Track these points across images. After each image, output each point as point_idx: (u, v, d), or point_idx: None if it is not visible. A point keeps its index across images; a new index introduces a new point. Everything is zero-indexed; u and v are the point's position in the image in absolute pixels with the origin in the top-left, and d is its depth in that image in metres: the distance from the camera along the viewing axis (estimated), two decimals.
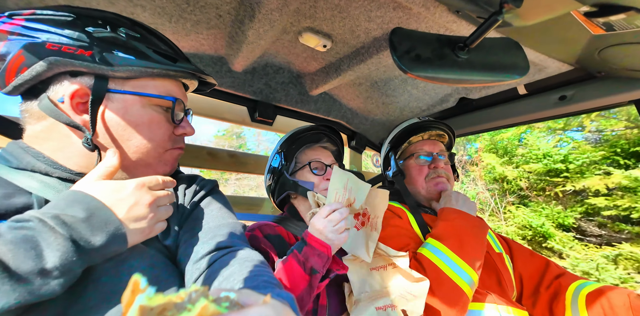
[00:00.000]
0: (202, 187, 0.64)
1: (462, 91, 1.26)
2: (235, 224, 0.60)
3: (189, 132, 0.60)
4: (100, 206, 0.41)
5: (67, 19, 0.47)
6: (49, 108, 0.47)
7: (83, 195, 0.41)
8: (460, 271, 0.78)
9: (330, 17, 0.84)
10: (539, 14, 0.57)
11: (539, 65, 0.93)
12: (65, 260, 0.36)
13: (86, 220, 0.39)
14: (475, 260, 0.82)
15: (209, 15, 0.86)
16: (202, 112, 1.36)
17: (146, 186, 0.46)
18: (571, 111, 1.05)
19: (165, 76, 0.55)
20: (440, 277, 0.77)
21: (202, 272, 0.49)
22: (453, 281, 0.76)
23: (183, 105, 0.59)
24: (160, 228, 0.48)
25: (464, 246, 0.83)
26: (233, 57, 1.05)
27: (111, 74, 0.49)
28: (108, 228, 0.40)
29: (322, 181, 0.90)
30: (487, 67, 0.57)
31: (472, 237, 0.86)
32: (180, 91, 0.59)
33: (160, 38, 0.56)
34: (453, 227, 0.88)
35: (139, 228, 0.43)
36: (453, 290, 0.75)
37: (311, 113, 1.45)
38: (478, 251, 0.84)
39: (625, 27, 0.62)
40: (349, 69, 1.05)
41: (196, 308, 0.21)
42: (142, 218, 0.44)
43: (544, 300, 0.90)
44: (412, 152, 1.11)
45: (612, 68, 0.86)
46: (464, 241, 0.84)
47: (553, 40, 0.77)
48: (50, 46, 0.45)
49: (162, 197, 0.47)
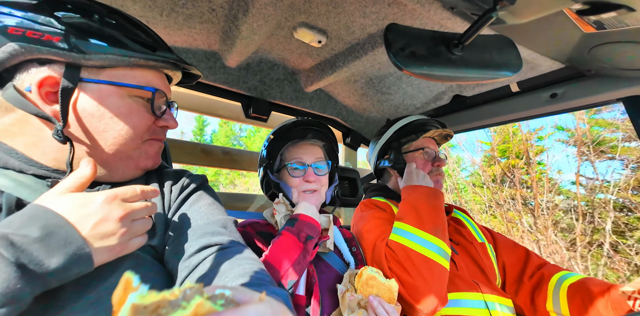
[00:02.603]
0: (190, 182, 0.61)
1: (456, 88, 1.27)
2: (226, 220, 0.58)
3: (171, 125, 0.57)
4: (61, 223, 0.36)
5: (32, 2, 0.43)
6: (14, 98, 0.44)
7: (43, 210, 0.37)
8: (426, 243, 0.82)
9: (325, 13, 0.84)
10: (533, 11, 0.58)
11: (531, 63, 0.94)
12: (7, 289, 0.31)
13: (41, 240, 0.34)
14: (437, 227, 0.85)
15: (202, 9, 0.84)
16: (196, 108, 1.35)
17: (119, 198, 0.41)
18: (562, 109, 1.07)
19: (145, 66, 0.52)
20: (409, 254, 0.80)
21: (191, 270, 0.48)
22: (423, 256, 0.79)
23: (166, 97, 0.56)
24: (137, 244, 0.43)
25: (422, 217, 0.87)
26: (227, 53, 1.03)
27: (84, 62, 0.46)
28: (68, 249, 0.35)
29: (302, 182, 0.86)
30: (481, 64, 0.58)
31: (427, 205, 0.90)
32: (162, 82, 0.56)
33: (138, 26, 0.53)
34: (409, 202, 0.93)
35: (106, 246, 0.39)
36: (426, 264, 0.78)
37: (306, 110, 1.44)
38: (436, 218, 0.88)
39: (615, 25, 0.64)
40: (344, 65, 1.05)
41: (191, 306, 0.20)
42: (110, 235, 0.39)
43: (527, 289, 0.93)
44: (420, 146, 1.11)
45: (601, 66, 0.88)
46: (420, 212, 0.88)
47: (545, 39, 0.78)
48: (13, 30, 0.41)
49: (137, 209, 0.43)
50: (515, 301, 0.94)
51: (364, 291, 0.72)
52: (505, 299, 0.88)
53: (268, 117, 1.35)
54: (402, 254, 0.80)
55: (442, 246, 0.82)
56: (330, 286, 0.76)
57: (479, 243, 1.01)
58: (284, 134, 0.93)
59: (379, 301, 0.69)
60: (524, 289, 0.94)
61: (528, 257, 0.99)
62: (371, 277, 0.72)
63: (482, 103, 1.28)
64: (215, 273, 0.45)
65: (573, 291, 0.84)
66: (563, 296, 0.85)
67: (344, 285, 0.74)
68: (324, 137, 0.96)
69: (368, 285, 0.72)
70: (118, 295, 0.21)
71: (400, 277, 0.78)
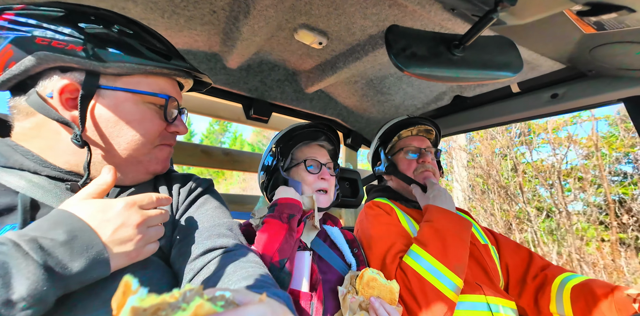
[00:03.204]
0: (197, 185, 0.63)
1: (456, 89, 1.27)
2: (231, 223, 0.59)
3: (181, 131, 0.59)
4: (84, 227, 0.38)
5: (59, 14, 0.46)
6: (37, 104, 0.46)
7: (68, 215, 0.38)
8: (444, 278, 0.78)
9: (326, 14, 0.84)
10: (534, 12, 0.58)
11: (532, 64, 0.94)
12: (35, 290, 0.32)
13: (66, 244, 0.36)
14: (459, 264, 0.82)
15: (203, 11, 0.85)
16: (197, 109, 1.35)
17: (137, 205, 0.43)
18: (562, 109, 1.07)
19: (159, 74, 0.54)
20: (424, 286, 0.77)
21: (196, 272, 0.49)
22: (436, 289, 0.77)
23: (177, 104, 0.58)
24: (150, 251, 0.45)
25: (447, 250, 0.82)
26: (228, 54, 1.04)
27: (102, 70, 0.48)
28: (90, 253, 0.37)
29: (317, 180, 0.89)
30: (482, 65, 0.58)
31: (456, 238, 0.86)
32: (174, 89, 0.58)
33: (154, 35, 0.55)
34: (437, 230, 0.87)
35: (124, 252, 0.41)
36: (437, 298, 0.76)
37: (307, 111, 1.44)
38: (461, 254, 0.84)
39: (615, 26, 0.64)
40: (345, 66, 1.05)
41: (191, 307, 0.20)
42: (128, 241, 0.41)
43: (530, 290, 0.93)
44: (402, 146, 1.13)
45: (602, 67, 0.88)
46: (447, 244, 0.83)
47: (546, 39, 0.78)
48: (40, 41, 0.44)
49: (153, 216, 0.44)
50: (519, 302, 0.93)
51: (365, 293, 0.71)
52: (508, 301, 0.88)
53: (269, 118, 1.35)
54: (416, 284, 0.78)
55: (457, 284, 0.79)
56: (332, 287, 0.76)
57: (481, 244, 1.01)
58: (296, 135, 0.96)
59: (380, 302, 0.68)
60: (528, 290, 0.93)
61: (531, 259, 0.99)
62: (372, 279, 0.72)
63: (483, 103, 1.28)
64: (220, 275, 0.46)
65: (577, 292, 0.83)
66: (567, 297, 0.84)
67: (344, 287, 0.74)
68: (332, 142, 1.02)
69: (369, 287, 0.72)
70: (117, 298, 0.21)
71: (409, 305, 0.77)
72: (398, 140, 1.16)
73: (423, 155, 1.09)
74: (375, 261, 0.90)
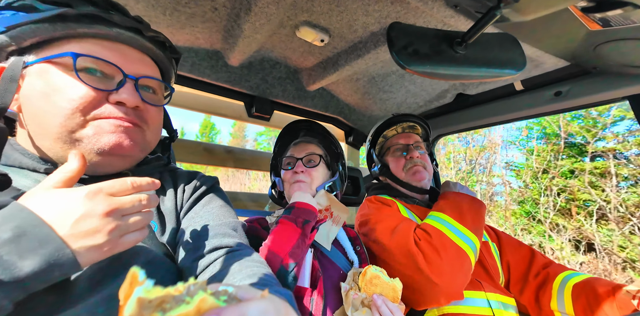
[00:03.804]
0: (202, 183, 0.63)
1: (459, 87, 1.26)
2: (236, 223, 0.59)
3: (125, 100, 0.48)
4: (35, 221, 0.33)
5: None
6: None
7: (19, 209, 0.34)
8: (463, 236, 0.83)
9: (328, 11, 0.83)
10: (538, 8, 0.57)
11: (535, 61, 0.93)
12: None
13: (13, 241, 0.31)
14: (476, 227, 0.87)
15: (204, 8, 0.84)
16: (199, 107, 1.35)
17: (104, 192, 0.37)
18: (566, 107, 1.06)
19: (84, 35, 0.47)
20: (444, 241, 0.81)
21: (202, 270, 0.49)
22: (457, 245, 0.81)
23: (119, 70, 0.49)
24: (132, 241, 0.39)
25: (464, 216, 0.88)
26: (229, 52, 1.03)
27: (12, 42, 0.45)
28: (44, 250, 0.32)
29: (293, 175, 0.91)
30: (485, 63, 0.57)
31: (471, 209, 0.92)
32: (112, 53, 0.49)
33: None
34: (453, 201, 0.94)
35: (92, 246, 0.35)
36: (458, 253, 0.80)
37: (308, 109, 1.44)
38: (477, 220, 0.89)
39: (621, 22, 0.63)
40: (347, 64, 1.04)
41: (194, 301, 0.21)
42: (95, 232, 0.35)
43: (532, 288, 0.93)
44: (389, 146, 1.16)
45: (607, 64, 0.87)
46: (463, 212, 0.90)
47: (550, 36, 0.77)
48: None
49: (127, 203, 0.38)
50: (520, 300, 0.94)
51: (368, 290, 0.72)
52: (508, 298, 0.88)
53: (270, 115, 1.35)
54: (438, 238, 0.81)
55: (476, 244, 0.84)
56: (334, 283, 0.76)
57: (482, 241, 1.01)
58: (284, 138, 1.00)
59: (382, 300, 0.69)
60: (529, 288, 0.93)
61: (533, 256, 0.99)
62: (375, 276, 0.73)
63: (486, 101, 1.27)
64: (225, 274, 0.46)
65: (578, 290, 0.83)
66: (568, 295, 0.84)
67: (347, 283, 0.74)
68: (315, 134, 1.03)
69: (372, 284, 0.72)
70: (125, 288, 0.22)
71: (428, 255, 0.79)
72: (385, 140, 1.19)
73: (410, 150, 1.10)
74: (383, 235, 0.90)
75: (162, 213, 0.56)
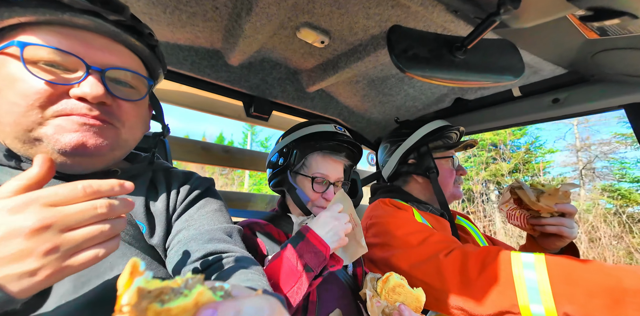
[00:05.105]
0: (197, 185, 0.61)
1: (458, 91, 1.27)
2: (231, 228, 0.58)
3: (85, 95, 0.43)
4: None
5: None
6: None
7: None
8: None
9: (329, 13, 0.83)
10: (536, 16, 0.58)
11: (534, 68, 0.94)
12: None
13: None
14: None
15: (205, 7, 0.84)
16: (198, 106, 1.35)
17: (39, 202, 0.29)
18: (563, 114, 1.07)
19: (43, 23, 0.42)
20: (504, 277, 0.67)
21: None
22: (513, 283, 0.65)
23: (81, 61, 0.43)
24: (89, 259, 0.30)
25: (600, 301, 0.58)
26: (229, 51, 1.03)
27: None
28: None
29: (319, 198, 0.86)
30: (484, 68, 0.57)
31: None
32: (73, 42, 0.43)
33: None
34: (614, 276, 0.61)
35: (24, 272, 0.27)
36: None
37: (308, 110, 1.44)
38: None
39: (618, 32, 0.63)
40: (346, 66, 1.05)
41: (192, 294, 0.21)
42: (23, 256, 0.27)
43: None
44: (451, 154, 1.09)
45: (604, 72, 0.88)
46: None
47: (549, 43, 0.78)
48: None
49: (72, 214, 0.29)
50: None
51: (389, 298, 0.69)
52: None
53: (269, 116, 1.35)
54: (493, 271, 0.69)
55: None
56: (327, 286, 0.76)
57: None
58: (316, 140, 0.88)
59: (410, 312, 0.65)
60: None
61: None
62: (399, 285, 0.70)
63: (484, 106, 1.28)
64: (219, 278, 0.45)
65: None
66: None
67: (369, 290, 0.72)
68: (353, 159, 0.97)
69: (395, 293, 0.69)
70: (125, 277, 0.22)
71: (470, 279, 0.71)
72: (445, 147, 1.07)
73: (461, 168, 1.09)
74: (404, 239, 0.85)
75: (151, 214, 0.54)
